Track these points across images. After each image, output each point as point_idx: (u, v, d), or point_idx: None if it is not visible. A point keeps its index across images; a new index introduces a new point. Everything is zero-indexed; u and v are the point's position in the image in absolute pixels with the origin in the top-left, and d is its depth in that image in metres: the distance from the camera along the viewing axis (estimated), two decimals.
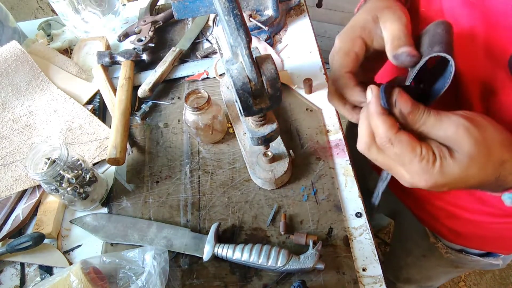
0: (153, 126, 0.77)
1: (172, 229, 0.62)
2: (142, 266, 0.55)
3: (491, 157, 0.37)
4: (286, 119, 0.73)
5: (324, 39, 2.08)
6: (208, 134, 0.69)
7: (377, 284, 0.54)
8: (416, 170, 0.38)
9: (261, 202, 0.64)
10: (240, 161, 0.69)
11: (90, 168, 0.64)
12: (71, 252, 0.63)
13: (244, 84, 0.44)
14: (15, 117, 0.78)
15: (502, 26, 0.40)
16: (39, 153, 0.59)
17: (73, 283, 0.51)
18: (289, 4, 0.92)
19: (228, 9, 0.39)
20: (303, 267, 0.54)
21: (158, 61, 0.83)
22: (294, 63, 0.82)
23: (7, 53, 0.80)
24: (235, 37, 0.41)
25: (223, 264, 0.58)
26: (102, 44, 0.90)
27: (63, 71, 0.85)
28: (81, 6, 0.88)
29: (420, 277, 0.93)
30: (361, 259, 0.57)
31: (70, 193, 0.61)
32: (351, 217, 0.61)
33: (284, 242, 0.59)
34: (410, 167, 0.38)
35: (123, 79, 0.79)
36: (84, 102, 0.81)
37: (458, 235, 0.71)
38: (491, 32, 0.42)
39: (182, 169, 0.69)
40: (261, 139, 0.53)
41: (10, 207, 0.67)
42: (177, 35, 0.93)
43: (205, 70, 0.83)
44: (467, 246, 0.73)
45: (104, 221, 0.64)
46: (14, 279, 0.61)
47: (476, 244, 0.72)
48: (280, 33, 0.89)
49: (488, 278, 1.57)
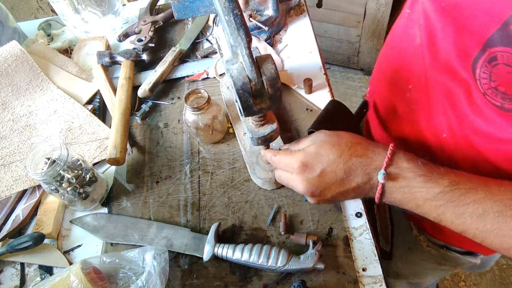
0: (153, 126, 0.77)
1: (172, 229, 0.62)
2: (142, 266, 0.55)
3: (340, 138, 0.48)
4: (286, 119, 0.73)
5: (324, 39, 2.08)
6: (208, 134, 0.69)
7: (377, 284, 0.54)
8: (289, 162, 0.49)
9: (261, 202, 0.64)
10: (240, 161, 0.69)
11: (90, 168, 0.64)
12: (71, 252, 0.63)
13: (244, 84, 0.44)
14: (15, 117, 0.78)
15: (468, 30, 0.42)
16: (39, 153, 0.59)
17: (73, 283, 0.51)
18: (289, 4, 0.92)
19: (228, 9, 0.39)
20: (303, 267, 0.54)
21: (158, 61, 0.83)
22: (294, 63, 0.82)
23: (7, 53, 0.80)
24: (235, 37, 0.41)
25: (223, 264, 0.58)
26: (102, 44, 0.90)
27: (63, 71, 0.85)
28: (81, 6, 0.87)
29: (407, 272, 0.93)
30: (361, 259, 0.57)
31: (70, 193, 0.61)
32: (351, 217, 0.61)
33: (284, 242, 0.59)
34: (287, 163, 0.50)
35: (123, 79, 0.79)
36: (84, 102, 0.81)
37: (440, 232, 0.71)
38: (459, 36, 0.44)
39: (182, 169, 0.69)
40: (261, 139, 0.53)
41: (10, 207, 0.67)
42: (177, 35, 0.93)
43: (205, 70, 0.83)
44: (448, 242, 0.74)
45: (104, 221, 0.64)
46: (14, 279, 0.61)
47: (457, 242, 0.73)
48: (280, 33, 0.89)
49: (488, 278, 1.57)
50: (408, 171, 0.44)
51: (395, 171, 0.45)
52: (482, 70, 0.42)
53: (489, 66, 0.41)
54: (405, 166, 0.45)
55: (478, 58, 0.42)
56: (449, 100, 0.51)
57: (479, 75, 0.43)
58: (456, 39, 0.45)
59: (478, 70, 0.43)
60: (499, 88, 0.41)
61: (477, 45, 0.41)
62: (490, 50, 0.40)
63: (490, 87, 0.42)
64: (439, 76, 0.51)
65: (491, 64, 0.40)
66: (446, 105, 0.51)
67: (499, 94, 0.42)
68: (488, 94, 0.43)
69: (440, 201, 0.43)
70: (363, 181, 0.46)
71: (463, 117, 0.49)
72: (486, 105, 0.44)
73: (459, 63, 0.46)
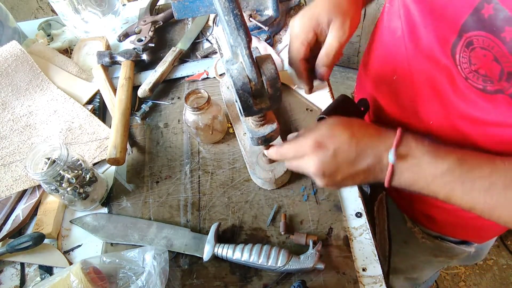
0: (153, 126, 0.77)
1: (172, 229, 0.62)
2: (142, 266, 0.55)
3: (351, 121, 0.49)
4: (286, 119, 0.73)
5: None
6: (208, 134, 0.69)
7: (377, 284, 0.54)
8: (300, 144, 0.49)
9: (261, 202, 0.64)
10: (240, 161, 0.69)
11: (90, 168, 0.64)
12: (71, 252, 0.63)
13: (244, 84, 0.44)
14: (15, 117, 0.78)
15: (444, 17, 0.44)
16: (39, 153, 0.59)
17: (73, 283, 0.51)
18: (289, 4, 0.92)
19: (228, 9, 0.39)
20: (303, 267, 0.54)
21: (158, 61, 0.83)
22: None
23: (7, 53, 0.80)
24: (235, 37, 0.41)
25: (223, 264, 0.58)
26: (102, 44, 0.90)
27: (63, 71, 0.85)
28: (81, 6, 0.87)
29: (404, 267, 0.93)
30: (361, 259, 0.57)
31: (70, 193, 0.61)
32: (351, 217, 0.61)
33: (284, 242, 0.59)
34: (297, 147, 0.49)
35: (123, 79, 0.79)
36: (84, 102, 0.81)
37: (433, 222, 0.72)
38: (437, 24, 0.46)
39: (182, 169, 0.69)
40: (261, 139, 0.53)
41: (10, 207, 0.66)
42: (177, 35, 0.93)
43: (205, 70, 0.83)
44: (442, 233, 0.74)
45: (104, 221, 0.64)
46: (14, 279, 0.61)
47: (450, 232, 0.73)
48: (280, 33, 0.89)
49: (488, 278, 1.57)
50: (417, 150, 0.45)
51: (405, 150, 0.45)
52: (462, 55, 0.43)
53: (467, 51, 0.42)
54: (413, 145, 0.45)
55: (456, 44, 0.43)
56: (433, 87, 0.52)
57: (459, 60, 0.44)
58: (435, 27, 0.46)
59: (457, 55, 0.44)
60: (479, 71, 0.42)
61: (454, 31, 0.43)
62: (466, 35, 0.42)
63: (471, 71, 0.43)
64: (422, 65, 0.52)
65: (469, 49, 0.42)
66: (430, 93, 0.53)
67: (480, 77, 0.43)
68: (470, 78, 0.44)
69: (448, 177, 0.44)
70: (373, 162, 0.46)
71: (448, 103, 0.50)
72: (469, 89, 0.46)
73: (439, 50, 0.47)
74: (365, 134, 0.47)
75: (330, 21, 0.57)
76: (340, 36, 0.57)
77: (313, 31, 0.59)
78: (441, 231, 0.74)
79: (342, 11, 0.57)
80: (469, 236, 0.74)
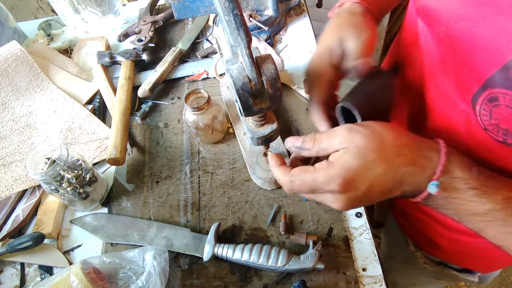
0: (153, 126, 0.77)
1: (172, 229, 0.62)
2: (142, 266, 0.55)
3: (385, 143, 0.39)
4: (286, 119, 0.73)
5: None
6: (208, 134, 0.69)
7: (377, 284, 0.54)
8: (322, 181, 0.39)
9: (261, 202, 0.64)
10: (240, 161, 0.69)
11: (90, 168, 0.64)
12: (71, 252, 0.63)
13: (244, 84, 0.44)
14: (15, 117, 0.78)
15: (467, 65, 0.41)
16: (39, 153, 0.59)
17: (73, 283, 0.51)
18: (289, 4, 0.92)
19: (228, 9, 0.39)
20: (303, 267, 0.54)
21: (158, 61, 0.83)
22: (294, 63, 0.82)
23: (7, 53, 0.80)
24: (235, 37, 0.41)
25: (223, 264, 0.58)
26: (102, 44, 0.90)
27: (63, 71, 0.85)
28: (81, 6, 0.88)
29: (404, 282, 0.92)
30: (361, 259, 0.57)
31: (70, 193, 0.61)
32: (351, 217, 0.61)
33: (284, 242, 0.59)
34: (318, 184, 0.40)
35: (123, 79, 0.79)
36: (84, 102, 0.81)
37: (437, 249, 0.70)
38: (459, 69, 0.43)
39: (182, 169, 0.69)
40: (261, 139, 0.53)
41: (10, 207, 0.66)
42: (177, 35, 0.93)
43: (205, 70, 0.83)
44: (446, 260, 0.72)
45: (104, 221, 0.64)
46: (14, 279, 0.61)
47: (454, 260, 0.72)
48: (280, 33, 0.89)
49: None
50: (462, 182, 0.39)
51: (448, 182, 0.39)
52: (483, 107, 0.40)
53: (489, 105, 0.39)
54: (459, 176, 0.39)
55: (478, 95, 0.40)
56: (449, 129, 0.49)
57: (479, 111, 0.41)
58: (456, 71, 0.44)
59: (478, 106, 0.41)
60: (500, 125, 0.39)
61: (477, 82, 0.40)
62: (491, 90, 0.38)
63: (491, 124, 0.40)
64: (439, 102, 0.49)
65: (491, 104, 0.39)
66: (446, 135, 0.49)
67: (500, 130, 0.40)
68: (489, 130, 0.41)
69: (487, 217, 0.40)
70: (410, 190, 0.41)
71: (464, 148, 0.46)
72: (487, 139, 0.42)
73: (458, 95, 0.44)
74: (404, 162, 0.39)
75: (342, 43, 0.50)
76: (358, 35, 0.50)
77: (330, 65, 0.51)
78: (445, 257, 0.72)
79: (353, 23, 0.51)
80: (474, 266, 0.72)
